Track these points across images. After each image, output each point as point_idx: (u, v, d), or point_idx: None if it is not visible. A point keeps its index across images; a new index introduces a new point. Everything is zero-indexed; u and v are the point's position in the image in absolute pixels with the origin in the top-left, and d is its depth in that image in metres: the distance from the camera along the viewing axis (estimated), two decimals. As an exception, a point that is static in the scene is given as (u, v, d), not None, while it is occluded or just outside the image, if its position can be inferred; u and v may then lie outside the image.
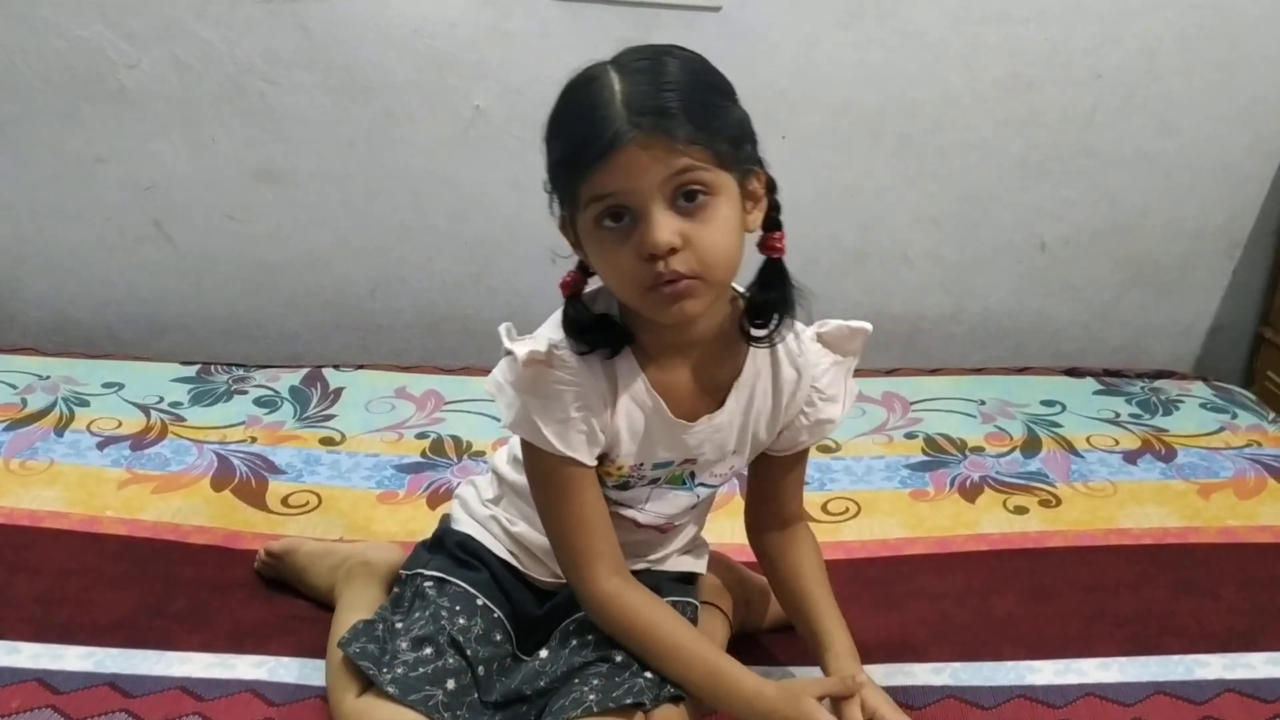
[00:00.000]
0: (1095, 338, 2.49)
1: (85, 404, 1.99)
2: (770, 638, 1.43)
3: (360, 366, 2.17)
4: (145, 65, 2.24)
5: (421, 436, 1.93)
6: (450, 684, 1.20)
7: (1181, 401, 2.08)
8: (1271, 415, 2.03)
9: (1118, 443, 1.93)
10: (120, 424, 1.93)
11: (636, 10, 2.16)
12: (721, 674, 1.18)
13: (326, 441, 1.90)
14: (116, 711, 1.28)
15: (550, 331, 1.19)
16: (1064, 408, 2.05)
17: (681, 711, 1.24)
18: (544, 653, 1.27)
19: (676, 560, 1.38)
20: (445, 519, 1.41)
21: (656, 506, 1.29)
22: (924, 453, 1.90)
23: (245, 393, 2.06)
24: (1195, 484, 1.80)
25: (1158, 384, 2.15)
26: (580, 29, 2.16)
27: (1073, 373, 2.20)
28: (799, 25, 2.19)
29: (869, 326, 1.27)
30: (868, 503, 1.76)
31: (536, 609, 1.32)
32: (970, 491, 1.78)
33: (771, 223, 1.19)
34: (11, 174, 2.35)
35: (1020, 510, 1.73)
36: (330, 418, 1.98)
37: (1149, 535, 1.67)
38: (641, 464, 1.24)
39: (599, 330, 1.18)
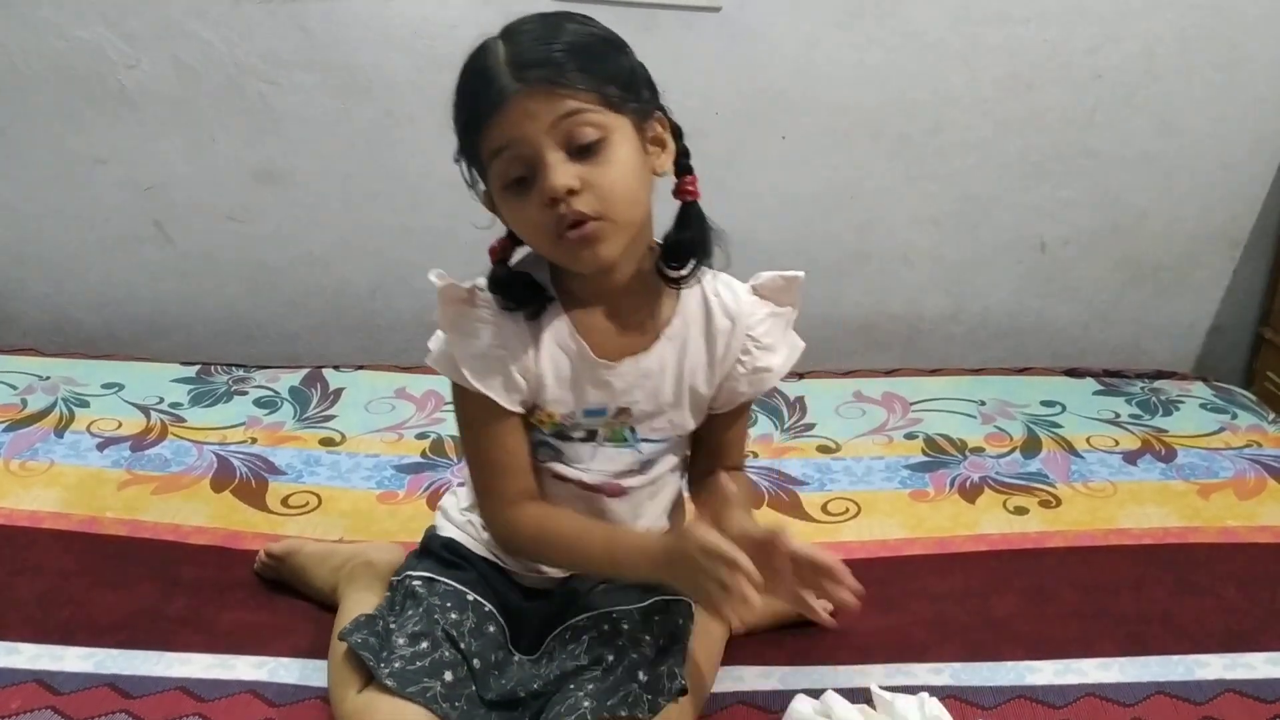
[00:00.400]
0: (1095, 338, 2.49)
1: (85, 405, 1.99)
2: (770, 637, 1.43)
3: (360, 367, 2.17)
4: (145, 66, 2.24)
5: (421, 437, 1.93)
6: (448, 675, 1.20)
7: (1181, 402, 2.08)
8: (1271, 416, 2.03)
9: (1118, 443, 1.93)
10: (120, 425, 1.93)
11: (636, 11, 2.16)
12: (616, 540, 1.23)
13: (327, 442, 1.90)
14: (116, 712, 1.28)
15: (480, 280, 1.24)
16: (1064, 408, 2.05)
17: (684, 708, 1.24)
18: (539, 656, 1.27)
19: None
20: (430, 528, 1.42)
21: (600, 465, 1.29)
22: (924, 453, 1.90)
23: (245, 393, 2.06)
24: (1195, 484, 1.80)
25: (1158, 384, 2.15)
26: (580, 29, 2.16)
27: (1073, 373, 2.20)
28: (799, 26, 2.19)
29: (801, 274, 1.29)
30: (868, 503, 1.76)
31: (525, 603, 1.33)
32: (970, 492, 1.78)
33: (682, 168, 1.23)
34: (11, 174, 2.35)
35: (1020, 511, 1.73)
36: (330, 418, 1.98)
37: (1149, 535, 1.67)
38: (572, 411, 1.26)
39: (521, 289, 1.22)
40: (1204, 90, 2.26)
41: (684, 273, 1.23)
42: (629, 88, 1.15)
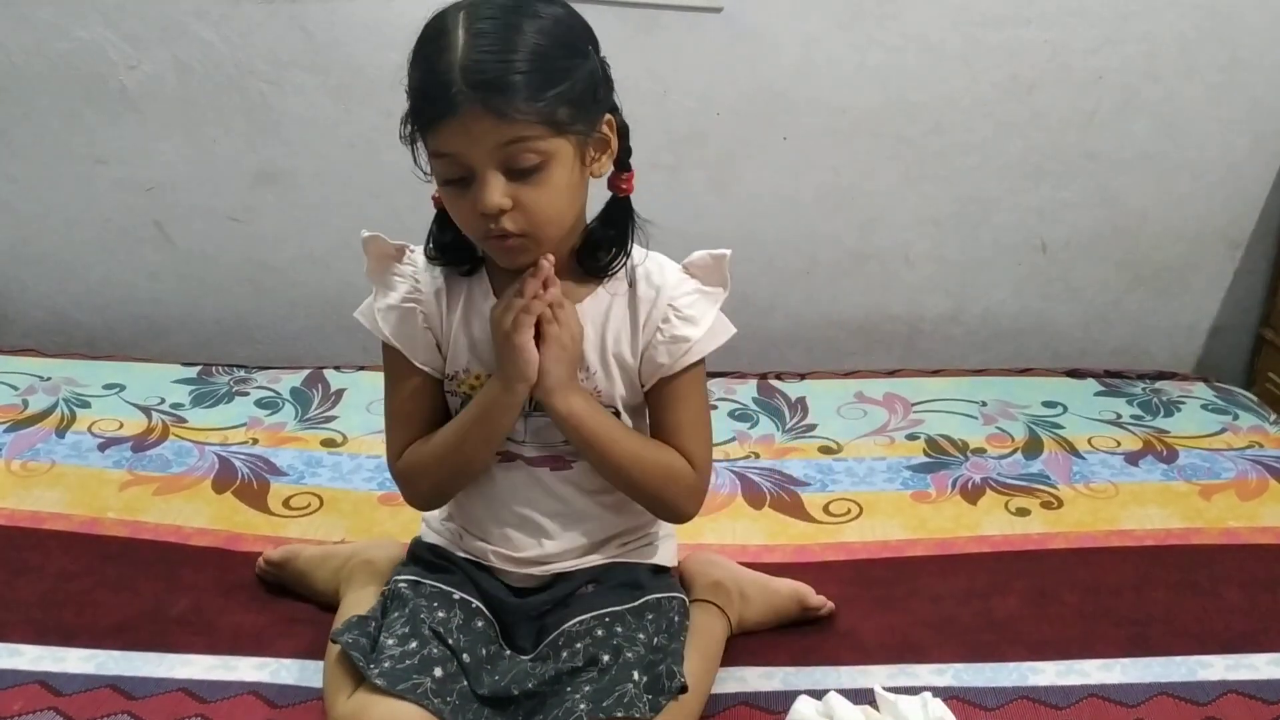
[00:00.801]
0: (1096, 339, 2.49)
1: (86, 405, 1.99)
2: (772, 638, 1.43)
3: (361, 368, 2.16)
4: (146, 66, 2.24)
5: (423, 438, 1.93)
6: (437, 671, 1.21)
7: (1183, 403, 2.08)
8: (1273, 416, 2.03)
9: (1119, 444, 1.93)
10: (122, 425, 1.93)
11: (637, 11, 2.16)
12: (465, 413, 1.27)
13: (328, 443, 1.90)
14: (118, 713, 1.29)
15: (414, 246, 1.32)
16: (1065, 409, 2.05)
17: (686, 707, 1.24)
18: (533, 656, 1.27)
19: (640, 552, 1.38)
20: (417, 536, 1.43)
21: (537, 436, 1.30)
22: (925, 454, 1.90)
23: (246, 394, 2.06)
24: (1197, 485, 1.80)
25: (1159, 385, 2.15)
26: (581, 30, 2.16)
27: (1074, 374, 2.20)
28: (800, 26, 2.19)
29: (728, 252, 1.30)
30: (869, 504, 1.75)
31: (515, 600, 1.33)
32: (972, 493, 1.78)
33: (620, 164, 1.24)
34: (12, 175, 2.35)
35: (1022, 512, 1.73)
36: (332, 419, 1.98)
37: (1151, 536, 1.67)
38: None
39: (456, 249, 1.27)
40: (1205, 91, 2.26)
41: (600, 265, 1.26)
42: (580, 105, 1.15)
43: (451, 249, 1.28)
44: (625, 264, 1.28)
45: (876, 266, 2.41)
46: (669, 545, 1.42)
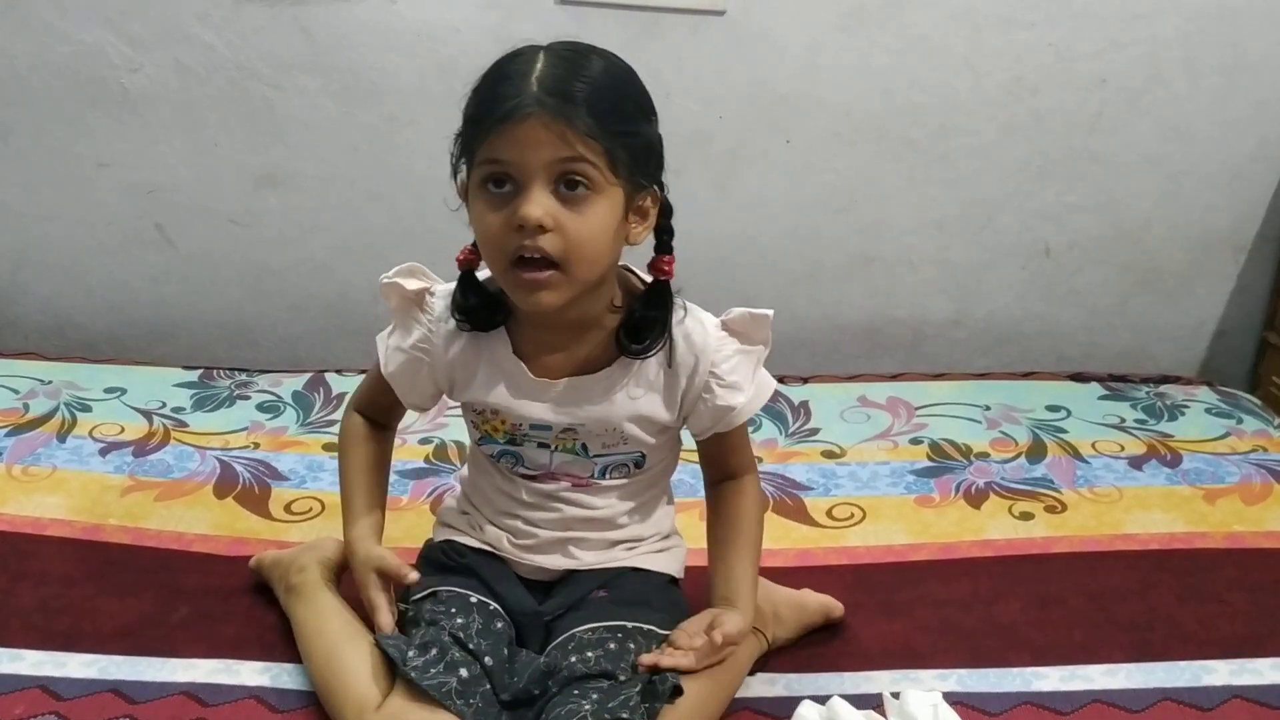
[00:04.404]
0: (1099, 343, 2.49)
1: (87, 409, 1.99)
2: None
3: (363, 371, 2.15)
4: (148, 69, 2.24)
5: (425, 442, 1.93)
6: (463, 672, 1.21)
7: (1187, 407, 2.07)
8: (1277, 420, 2.03)
9: (1123, 448, 1.93)
10: (123, 430, 1.93)
11: (640, 14, 2.16)
12: (349, 505, 1.41)
13: (330, 447, 1.89)
14: (120, 718, 1.28)
15: (445, 285, 1.32)
16: (1069, 413, 2.04)
17: (683, 713, 1.23)
18: (551, 653, 1.27)
19: (650, 558, 1.38)
20: (427, 540, 1.43)
21: (562, 469, 1.32)
22: (929, 458, 1.90)
23: (248, 398, 2.06)
24: (1201, 489, 1.80)
25: (1163, 389, 2.15)
26: (584, 33, 2.13)
27: (1077, 378, 2.19)
28: (803, 29, 2.19)
29: (770, 313, 1.29)
30: (873, 509, 1.75)
31: (528, 596, 1.33)
32: (976, 498, 1.78)
33: (662, 245, 1.24)
34: (13, 178, 2.35)
35: (1026, 516, 1.73)
36: (333, 423, 1.97)
37: (1155, 541, 1.66)
38: (520, 424, 1.29)
39: (482, 310, 1.27)
40: (1209, 95, 2.25)
41: (640, 349, 1.25)
42: (638, 159, 1.16)
43: (475, 312, 1.27)
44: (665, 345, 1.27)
45: (879, 270, 2.41)
46: (679, 554, 1.42)
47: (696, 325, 1.28)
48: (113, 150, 2.31)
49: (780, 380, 2.14)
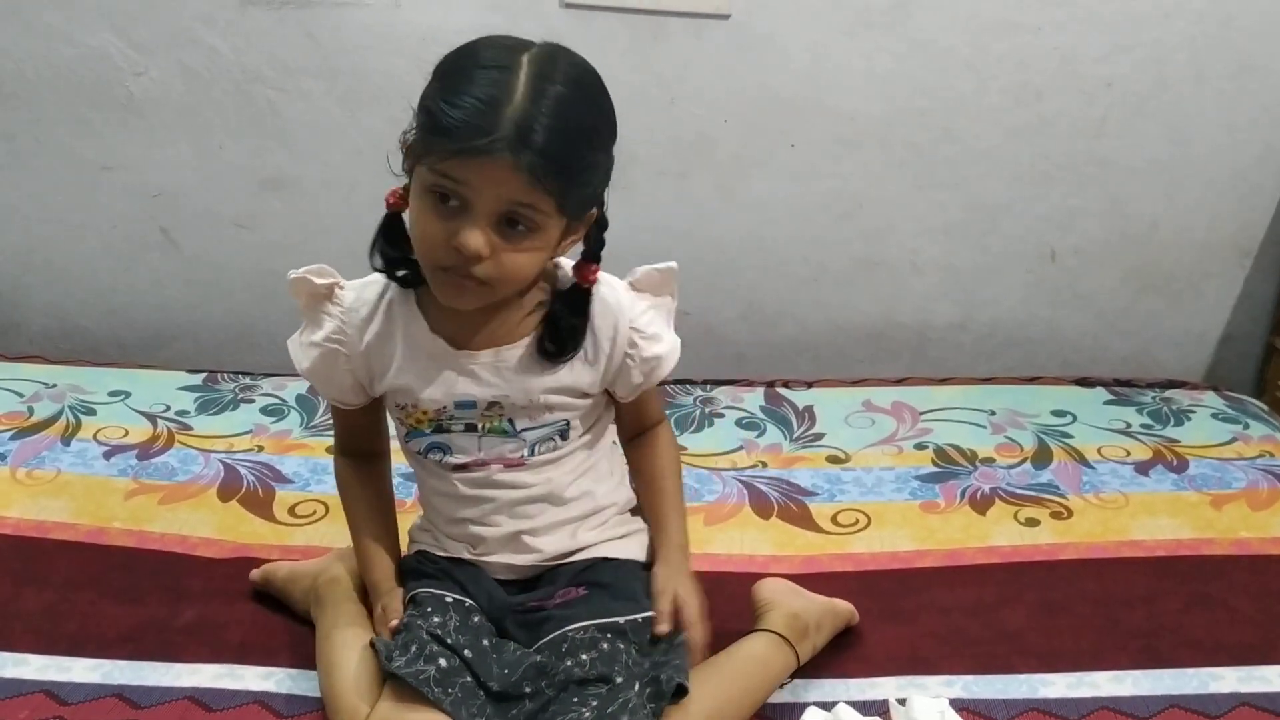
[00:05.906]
0: (1105, 347, 2.48)
1: (92, 412, 1.99)
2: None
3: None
4: (153, 73, 2.24)
5: (429, 446, 1.93)
6: (441, 663, 1.22)
7: (1193, 412, 2.07)
8: (1283, 426, 2.02)
9: (1129, 454, 1.92)
10: (127, 433, 1.93)
11: (645, 18, 2.16)
12: (362, 549, 1.40)
13: (333, 449, 1.89)
14: (124, 722, 1.28)
15: (362, 278, 1.35)
16: (1074, 418, 2.04)
17: (689, 713, 1.23)
18: (543, 651, 1.26)
19: (615, 545, 1.38)
20: (404, 557, 1.44)
21: (491, 452, 1.33)
22: (934, 464, 1.89)
23: (252, 401, 2.06)
24: (1208, 495, 1.79)
25: (1169, 394, 2.14)
26: (588, 37, 2.16)
27: (1083, 383, 2.19)
28: (808, 33, 2.19)
29: (675, 265, 1.34)
30: (878, 514, 1.75)
31: (502, 590, 1.35)
32: (981, 503, 1.77)
33: (590, 254, 1.28)
34: (19, 181, 2.35)
35: (1032, 522, 1.72)
36: (337, 426, 1.97)
37: (1161, 547, 1.66)
38: (444, 406, 1.30)
39: (401, 264, 1.29)
40: (1214, 99, 2.25)
41: (556, 352, 1.29)
42: (587, 197, 1.21)
43: (397, 263, 1.30)
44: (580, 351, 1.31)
45: (885, 274, 2.40)
46: (643, 539, 1.42)
47: (609, 290, 1.32)
48: (117, 154, 2.31)
49: (785, 385, 2.15)
